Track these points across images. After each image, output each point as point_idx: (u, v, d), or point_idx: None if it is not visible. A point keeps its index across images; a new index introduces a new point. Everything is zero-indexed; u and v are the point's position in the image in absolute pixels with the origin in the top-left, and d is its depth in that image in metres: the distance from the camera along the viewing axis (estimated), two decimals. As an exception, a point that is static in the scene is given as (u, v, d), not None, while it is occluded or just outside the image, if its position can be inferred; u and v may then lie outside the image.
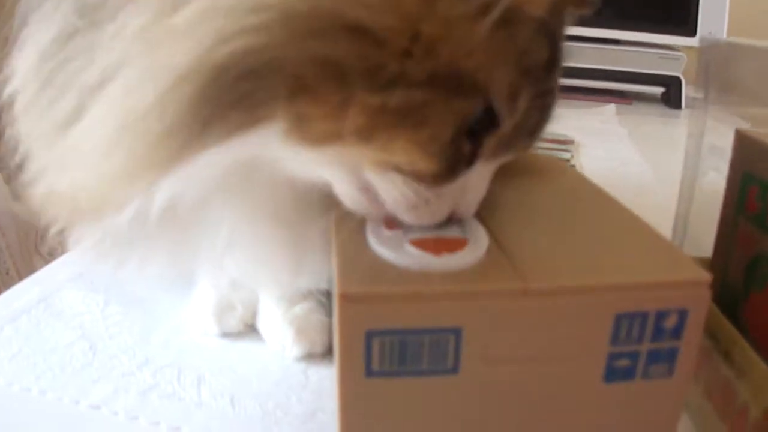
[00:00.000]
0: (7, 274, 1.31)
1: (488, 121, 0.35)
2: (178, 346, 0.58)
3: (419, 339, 0.31)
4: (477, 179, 0.38)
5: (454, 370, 0.32)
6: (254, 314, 0.59)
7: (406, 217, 0.37)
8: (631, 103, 1.79)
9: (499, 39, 0.32)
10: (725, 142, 0.50)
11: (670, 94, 1.76)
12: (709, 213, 0.52)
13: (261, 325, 0.59)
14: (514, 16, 0.32)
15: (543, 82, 0.36)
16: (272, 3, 0.29)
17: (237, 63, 0.29)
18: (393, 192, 0.36)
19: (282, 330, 0.56)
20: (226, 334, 0.59)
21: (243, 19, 0.29)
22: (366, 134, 0.32)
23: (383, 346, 0.31)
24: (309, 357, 0.56)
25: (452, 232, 0.37)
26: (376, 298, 0.30)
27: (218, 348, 0.58)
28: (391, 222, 0.37)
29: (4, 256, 1.29)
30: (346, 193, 0.38)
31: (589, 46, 1.71)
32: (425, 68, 0.31)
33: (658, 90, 1.81)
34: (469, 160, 0.36)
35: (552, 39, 0.36)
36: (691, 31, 1.65)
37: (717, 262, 0.50)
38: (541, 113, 0.38)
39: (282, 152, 0.35)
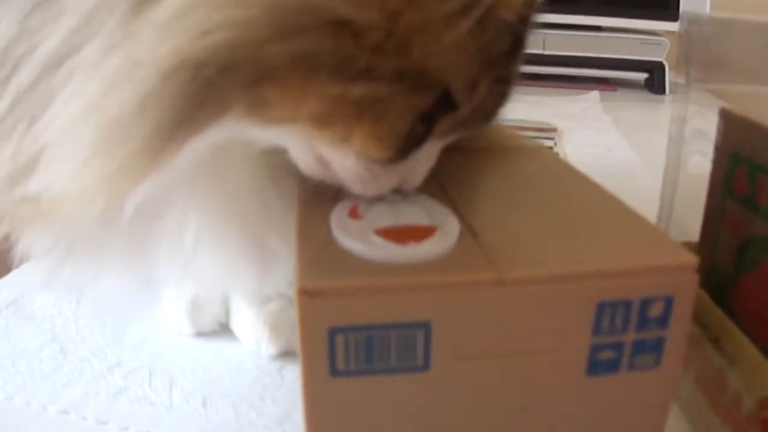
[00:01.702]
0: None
1: (444, 104, 0.34)
2: (150, 347, 0.57)
3: (386, 335, 0.29)
4: (425, 156, 0.38)
5: (425, 367, 0.30)
6: (226, 313, 0.58)
7: (354, 188, 0.37)
8: (615, 90, 1.78)
9: (468, 37, 0.32)
10: (709, 126, 0.49)
11: (654, 80, 1.75)
12: (695, 197, 0.51)
13: (234, 323, 0.57)
14: (487, 17, 0.32)
15: (503, 68, 0.36)
16: None
17: (217, 57, 0.28)
18: (344, 165, 0.36)
19: (256, 328, 0.55)
20: (199, 334, 0.58)
21: (228, 12, 0.28)
22: (323, 121, 0.32)
23: (348, 343, 0.29)
24: (284, 355, 0.54)
25: (420, 220, 0.34)
26: (338, 293, 0.28)
27: (191, 348, 0.56)
28: (356, 211, 0.35)
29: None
30: (302, 160, 0.38)
31: (571, 34, 1.70)
32: (394, 64, 0.31)
33: (642, 76, 1.80)
34: (420, 140, 0.36)
35: (516, 31, 0.35)
36: (674, 16, 1.63)
37: (704, 247, 0.49)
38: (498, 97, 0.38)
39: (237, 130, 0.33)
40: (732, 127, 0.46)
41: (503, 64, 0.36)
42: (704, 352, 0.42)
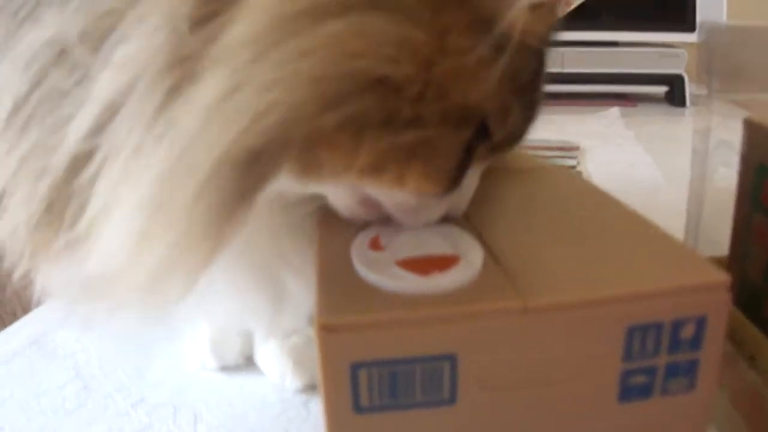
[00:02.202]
0: (15, 315, 1.29)
1: (482, 133, 0.35)
2: (174, 382, 0.56)
3: (411, 369, 0.28)
4: (468, 182, 0.39)
5: (452, 400, 0.29)
6: (250, 345, 0.57)
7: (407, 220, 0.37)
8: (635, 105, 1.76)
9: (500, 70, 0.32)
10: (733, 137, 0.48)
11: (674, 93, 1.73)
12: (723, 210, 0.50)
13: (258, 356, 0.57)
14: (516, 49, 0.32)
15: (532, 91, 0.37)
16: (297, 71, 0.27)
17: (270, 139, 0.28)
18: (396, 203, 0.36)
19: (280, 361, 0.54)
20: (223, 368, 0.57)
21: (275, 95, 0.27)
22: (376, 170, 0.32)
23: (371, 378, 0.28)
24: (309, 388, 0.54)
25: (443, 249, 0.34)
26: (359, 327, 0.27)
27: (215, 382, 0.56)
28: (377, 242, 0.34)
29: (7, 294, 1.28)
30: (343, 203, 0.38)
31: (589, 50, 1.70)
32: (436, 108, 0.31)
33: (662, 89, 1.78)
34: (465, 169, 0.36)
35: (541, 54, 0.36)
36: (691, 27, 1.62)
37: (734, 261, 0.47)
38: (528, 119, 0.39)
39: (284, 187, 0.34)
40: (757, 137, 0.45)
41: (531, 88, 0.36)
42: (739, 370, 0.41)
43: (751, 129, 0.45)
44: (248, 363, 0.57)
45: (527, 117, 0.38)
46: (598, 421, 0.31)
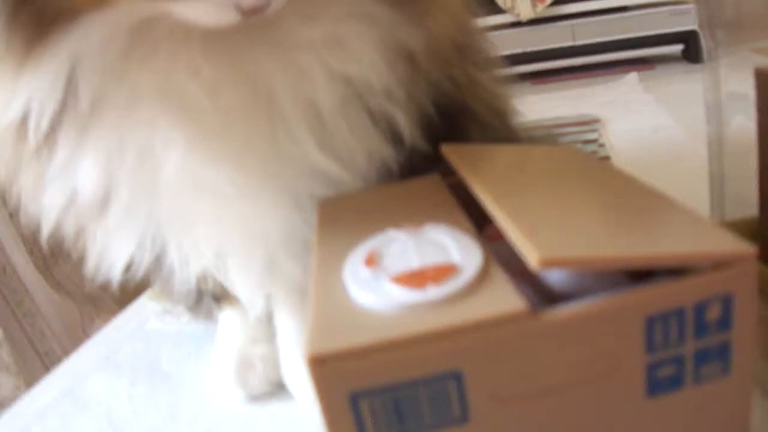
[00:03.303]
0: (60, 362, 1.30)
1: None
2: (206, 419, 0.55)
3: (414, 392, 0.26)
4: None
5: (464, 419, 0.27)
6: (276, 370, 0.56)
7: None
8: (653, 68, 1.72)
9: None
10: (747, 88, 0.45)
11: (690, 49, 1.69)
12: (747, 164, 0.47)
13: (288, 378, 0.55)
14: None
15: None
16: None
17: None
18: None
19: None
20: (253, 398, 0.56)
21: None
22: None
23: (374, 407, 0.26)
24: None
25: (440, 256, 0.31)
26: (352, 354, 0.25)
27: (247, 415, 0.55)
28: (372, 258, 0.32)
29: (52, 345, 1.30)
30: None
31: (599, 19, 1.67)
32: None
33: (678, 48, 1.74)
34: None
35: None
36: (699, -20, 1.58)
37: (765, 217, 0.45)
38: None
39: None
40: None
41: None
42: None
43: (764, 78, 0.43)
44: (276, 391, 0.56)
45: None
46: (629, 420, 0.29)
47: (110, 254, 0.48)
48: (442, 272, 0.29)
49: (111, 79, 0.40)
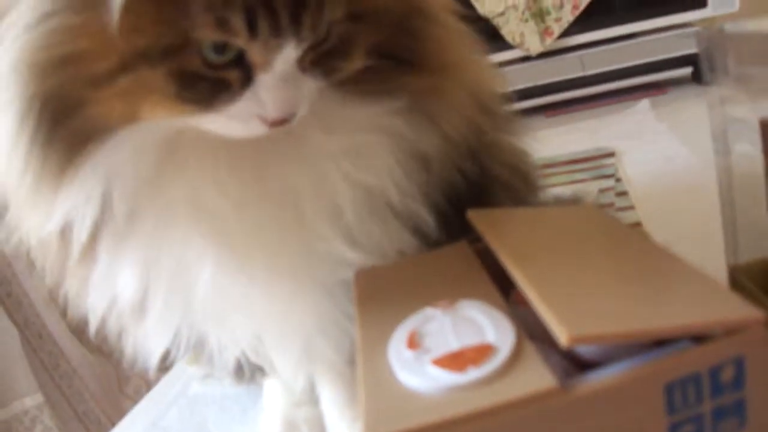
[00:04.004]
0: (99, 422, 1.33)
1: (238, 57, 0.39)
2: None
3: (460, 466, 0.29)
4: (273, 87, 0.41)
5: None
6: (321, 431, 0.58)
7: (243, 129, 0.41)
8: (665, 93, 1.74)
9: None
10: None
11: (700, 71, 1.71)
12: (757, 192, 0.49)
13: None
14: None
15: None
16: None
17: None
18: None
19: None
20: None
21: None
22: (135, 111, 0.41)
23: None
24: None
25: (475, 338, 0.34)
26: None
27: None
28: (413, 340, 0.35)
29: (90, 405, 1.32)
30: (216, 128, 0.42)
31: (607, 48, 1.69)
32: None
33: (688, 70, 1.76)
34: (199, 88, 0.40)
35: None
36: (702, 2, 1.60)
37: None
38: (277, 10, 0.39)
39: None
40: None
41: None
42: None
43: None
44: None
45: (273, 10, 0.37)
46: (657, 475, 0.31)
47: (147, 348, 0.52)
48: (480, 354, 0.32)
49: (144, 194, 0.43)
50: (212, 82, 0.39)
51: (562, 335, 0.29)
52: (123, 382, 1.41)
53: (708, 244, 0.62)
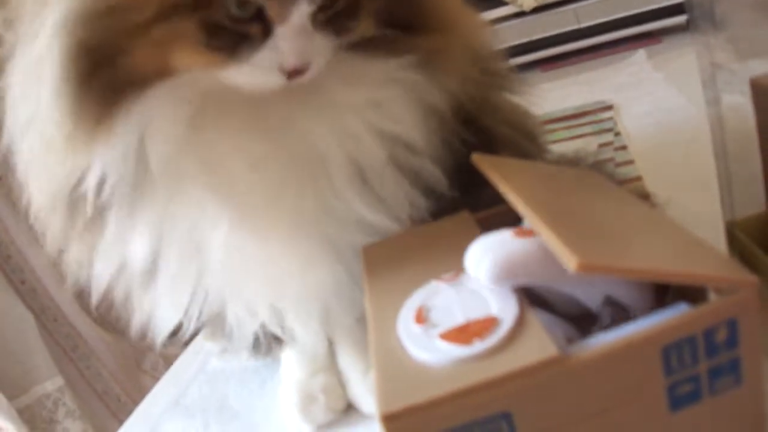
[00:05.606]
0: (119, 400, 1.35)
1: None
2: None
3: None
4: (289, 38, 0.44)
5: (515, 452, 0.32)
6: (338, 398, 0.59)
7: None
8: (660, 42, 1.73)
9: None
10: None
11: (695, 19, 1.69)
12: (750, 145, 0.50)
13: (359, 400, 0.58)
14: None
15: None
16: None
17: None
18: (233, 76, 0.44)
19: None
20: (321, 428, 0.58)
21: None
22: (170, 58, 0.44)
23: (434, 449, 0.31)
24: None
25: (480, 312, 0.36)
26: (418, 409, 0.30)
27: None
28: (420, 315, 0.37)
29: (110, 384, 1.33)
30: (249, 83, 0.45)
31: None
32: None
33: (683, 18, 1.75)
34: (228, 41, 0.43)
35: None
36: (696, -53, 1.59)
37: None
38: None
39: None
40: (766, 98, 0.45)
41: None
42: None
43: (759, 90, 0.46)
44: (343, 417, 0.59)
45: None
46: (658, 430, 0.33)
47: (156, 320, 0.53)
48: (484, 326, 0.34)
49: (174, 151, 0.46)
50: (236, 34, 0.42)
51: (571, 261, 0.31)
52: (140, 359, 1.42)
53: (705, 197, 0.63)
